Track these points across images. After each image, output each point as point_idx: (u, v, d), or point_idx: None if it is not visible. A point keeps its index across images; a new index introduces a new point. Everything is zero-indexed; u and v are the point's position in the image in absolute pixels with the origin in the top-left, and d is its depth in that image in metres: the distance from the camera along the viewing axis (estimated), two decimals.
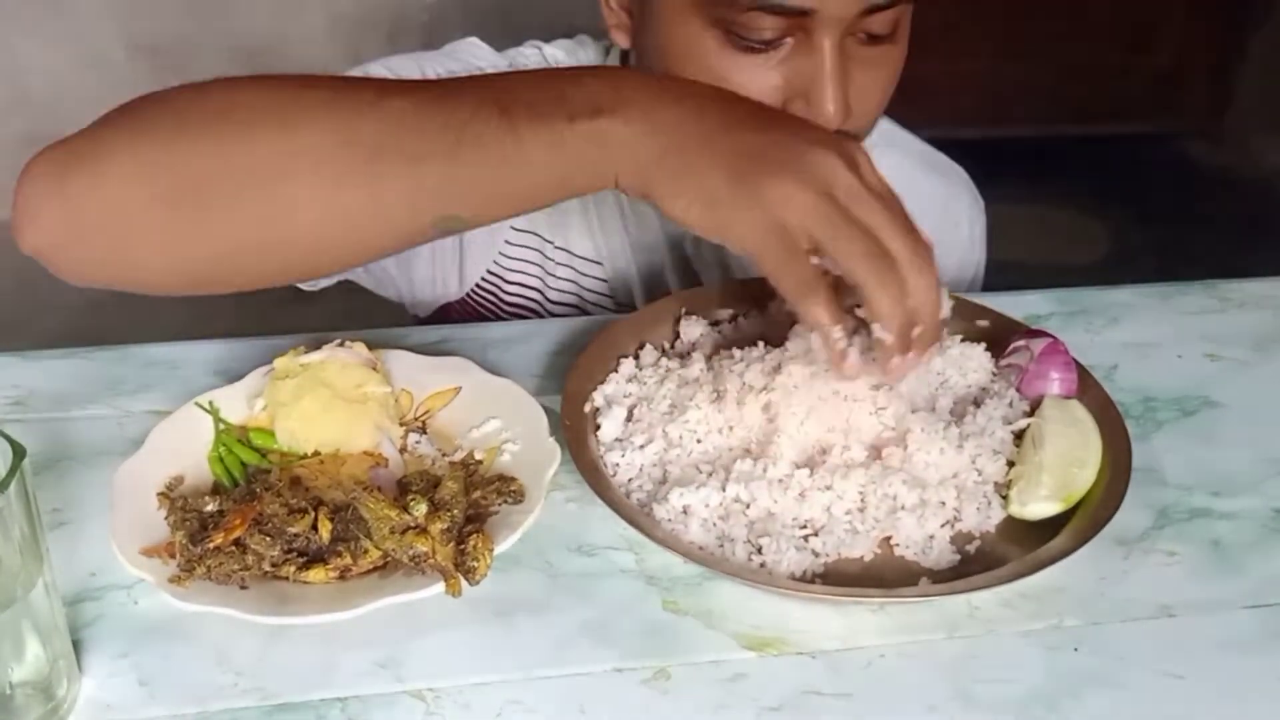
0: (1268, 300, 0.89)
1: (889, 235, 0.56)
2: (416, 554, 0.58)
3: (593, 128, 0.57)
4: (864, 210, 0.56)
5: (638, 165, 0.58)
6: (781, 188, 0.55)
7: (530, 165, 0.58)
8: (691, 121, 0.58)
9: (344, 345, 0.72)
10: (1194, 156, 3.12)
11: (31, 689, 0.52)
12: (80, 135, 0.61)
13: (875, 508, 0.64)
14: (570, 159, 0.58)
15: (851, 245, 0.55)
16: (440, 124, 0.57)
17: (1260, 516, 0.68)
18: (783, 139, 0.58)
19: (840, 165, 0.57)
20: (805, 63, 0.70)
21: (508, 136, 0.57)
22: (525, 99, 0.58)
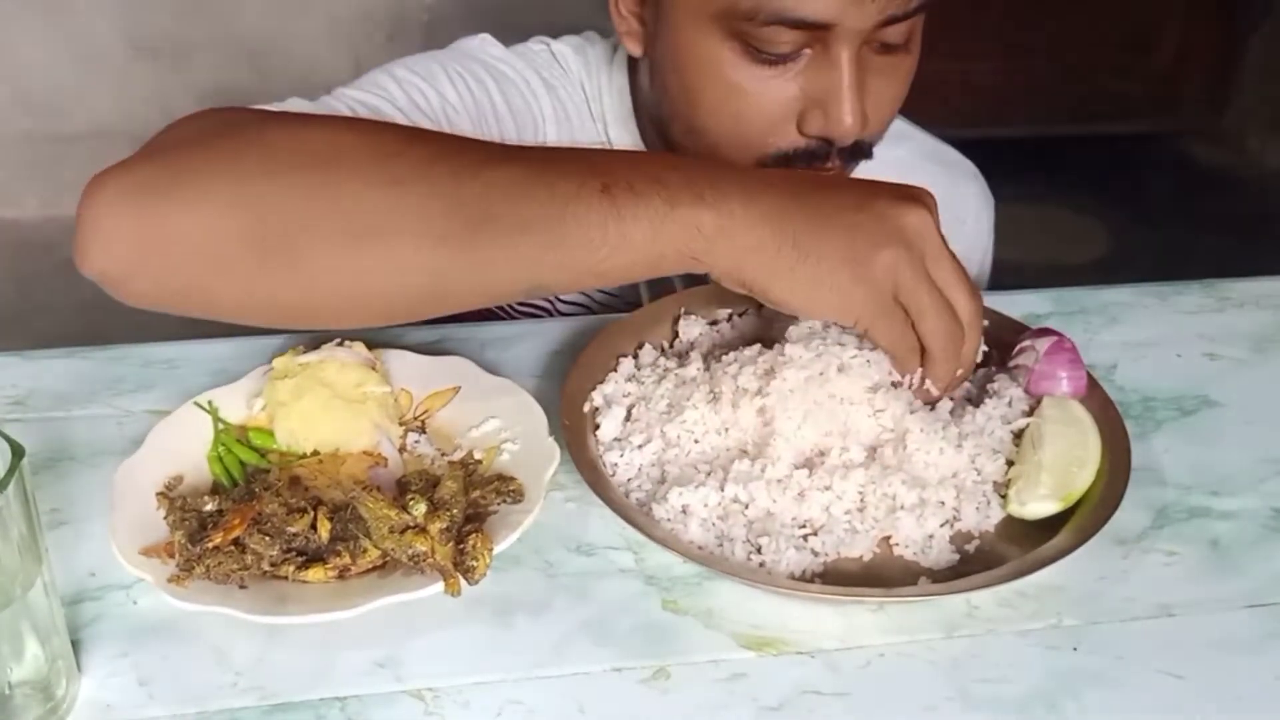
0: (1267, 300, 0.89)
1: (958, 296, 0.63)
2: (416, 553, 0.58)
3: (693, 215, 0.58)
4: (942, 272, 0.62)
5: (738, 255, 0.59)
6: (890, 264, 0.60)
7: (628, 246, 0.58)
8: (794, 206, 0.60)
9: (343, 345, 0.72)
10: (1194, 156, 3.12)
11: (30, 689, 0.52)
12: (155, 158, 0.59)
13: (874, 507, 0.64)
14: (668, 243, 0.59)
15: (936, 322, 0.62)
16: (545, 197, 0.58)
17: (1259, 516, 0.68)
18: (885, 211, 0.61)
19: (929, 222, 0.61)
20: (823, 75, 0.71)
21: (610, 216, 0.58)
22: (626, 179, 0.58)
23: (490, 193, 0.58)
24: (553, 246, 0.58)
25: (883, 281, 0.61)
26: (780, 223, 0.59)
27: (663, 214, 0.58)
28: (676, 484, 0.64)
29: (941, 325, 0.62)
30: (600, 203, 0.58)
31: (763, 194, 0.60)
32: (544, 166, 0.59)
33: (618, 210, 0.58)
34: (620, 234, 0.58)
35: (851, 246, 0.60)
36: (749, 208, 0.59)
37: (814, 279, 0.60)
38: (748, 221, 0.59)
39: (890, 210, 0.61)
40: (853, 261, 0.60)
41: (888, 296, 0.61)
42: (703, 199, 0.59)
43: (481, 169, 0.58)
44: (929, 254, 0.61)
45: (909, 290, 0.61)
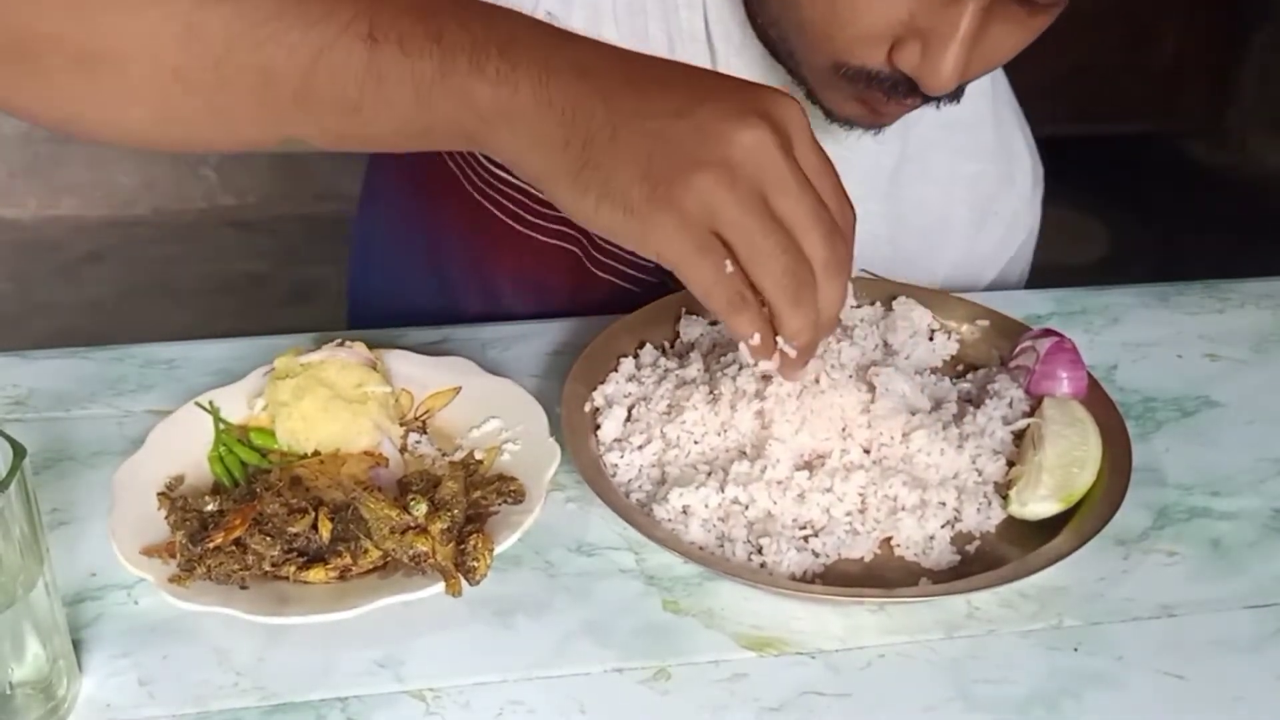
0: (1267, 300, 0.89)
1: (808, 237, 0.51)
2: (417, 554, 0.58)
3: (468, 85, 0.49)
4: (787, 202, 0.50)
5: (519, 144, 0.51)
6: (701, 190, 0.49)
7: (390, 111, 0.51)
8: (595, 101, 0.50)
9: (344, 345, 0.72)
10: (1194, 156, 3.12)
11: (31, 689, 0.52)
12: None
13: (875, 509, 0.64)
14: (436, 114, 0.50)
15: (770, 264, 0.51)
16: (298, 38, 0.49)
17: (1260, 516, 0.68)
18: (705, 120, 0.49)
19: (769, 144, 0.49)
20: (943, 11, 0.60)
21: (369, 73, 0.50)
22: (397, 29, 0.49)
23: (234, 25, 0.50)
24: (302, 101, 0.51)
25: (692, 211, 0.49)
26: (575, 115, 0.49)
27: (430, 80, 0.49)
28: (677, 484, 0.64)
29: (779, 267, 0.51)
30: (360, 55, 0.49)
31: (564, 75, 0.50)
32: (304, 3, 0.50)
33: (378, 67, 0.49)
34: (380, 96, 0.50)
35: (651, 159, 0.49)
36: (540, 89, 0.49)
37: (603, 190, 0.50)
38: (534, 106, 0.49)
39: (717, 124, 0.49)
40: (651, 178, 0.49)
41: (699, 230, 0.50)
42: (483, 69, 0.49)
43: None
44: (770, 185, 0.50)
45: (728, 224, 0.50)
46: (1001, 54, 0.65)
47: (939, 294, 0.81)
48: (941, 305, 0.80)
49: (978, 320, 0.79)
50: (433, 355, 0.75)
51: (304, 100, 0.51)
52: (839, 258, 0.52)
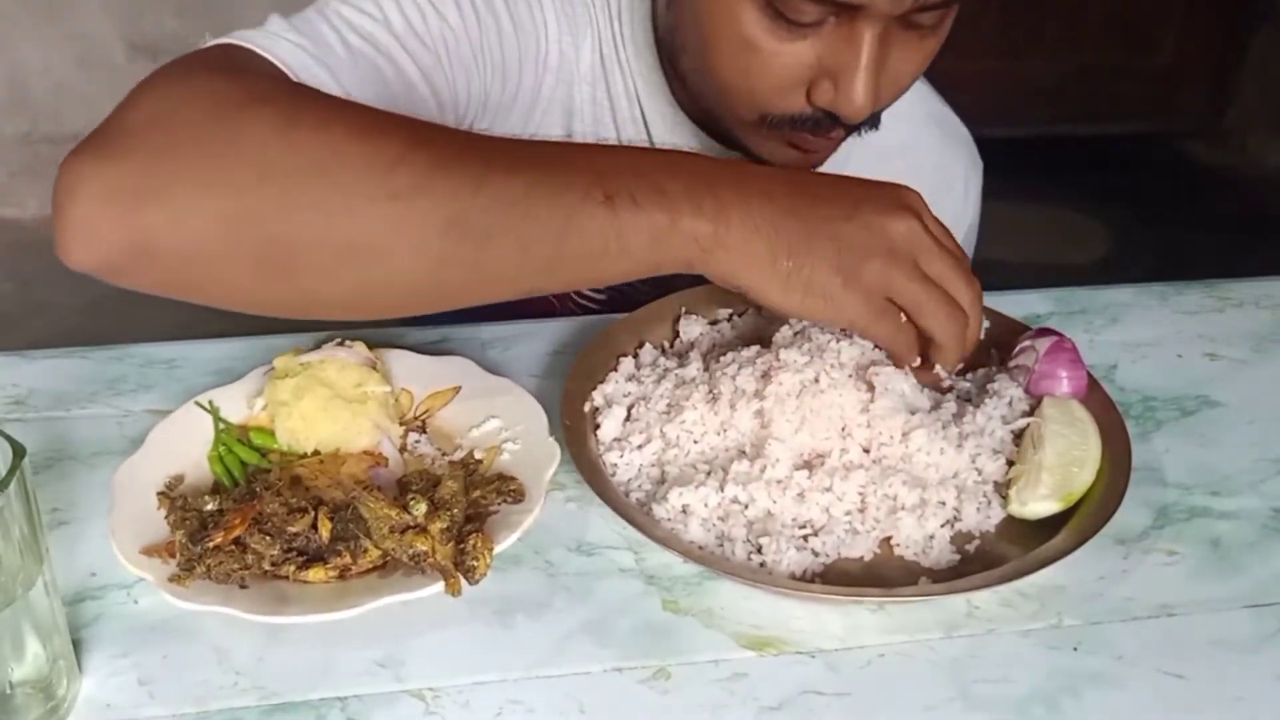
0: (1267, 300, 0.89)
1: (956, 287, 0.65)
2: (416, 553, 0.58)
3: (693, 227, 0.60)
4: (937, 267, 0.65)
5: (734, 264, 0.61)
6: (879, 273, 0.63)
7: (628, 256, 0.60)
8: (788, 219, 0.62)
9: (343, 344, 0.72)
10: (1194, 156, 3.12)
11: (31, 688, 0.52)
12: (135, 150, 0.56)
13: (875, 508, 0.64)
14: (666, 253, 0.60)
15: (937, 314, 0.65)
16: (548, 213, 0.58)
17: (1260, 516, 0.68)
18: (871, 220, 0.63)
19: (917, 228, 0.64)
20: (842, 50, 0.68)
21: (611, 228, 0.59)
22: (629, 189, 0.59)
23: (492, 210, 0.57)
24: (554, 259, 0.59)
25: (873, 288, 0.63)
26: (774, 235, 0.61)
27: (663, 226, 0.59)
28: (677, 484, 0.64)
29: (942, 315, 0.65)
30: (603, 215, 0.58)
31: (759, 205, 0.62)
32: (547, 175, 0.59)
33: (619, 223, 0.59)
34: (621, 246, 0.59)
35: (839, 257, 0.62)
36: (745, 219, 0.61)
37: (807, 287, 0.62)
38: (744, 234, 0.61)
39: (876, 220, 0.63)
40: (842, 270, 0.62)
41: (879, 300, 0.64)
42: (701, 210, 0.60)
43: (484, 182, 0.57)
44: (921, 256, 0.64)
45: (901, 293, 0.64)
46: (905, 77, 0.73)
47: None
48: None
49: None
50: (432, 355, 0.75)
51: (556, 260, 0.59)
52: (976, 293, 0.67)
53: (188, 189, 0.55)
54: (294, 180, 0.56)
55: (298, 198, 0.56)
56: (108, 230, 0.55)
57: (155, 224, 0.55)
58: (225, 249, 0.56)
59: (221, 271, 0.57)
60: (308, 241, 0.56)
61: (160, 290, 0.59)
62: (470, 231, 0.57)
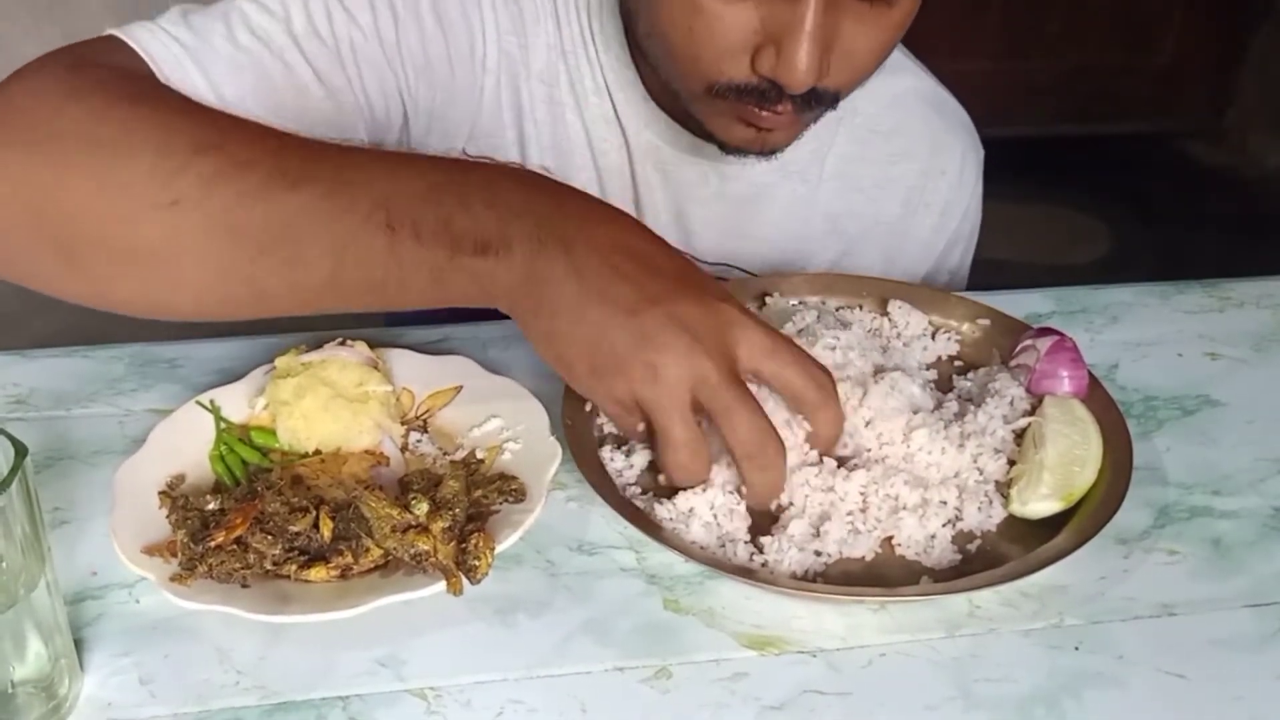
0: (1268, 300, 0.89)
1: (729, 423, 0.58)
2: (418, 553, 0.58)
3: (472, 264, 0.56)
4: (712, 403, 0.58)
5: (512, 306, 0.58)
6: (624, 391, 0.58)
7: (409, 288, 0.57)
8: (570, 282, 0.57)
9: (345, 344, 0.72)
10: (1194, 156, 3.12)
11: (33, 688, 0.52)
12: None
13: (877, 508, 0.64)
14: (448, 290, 0.57)
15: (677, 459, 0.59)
16: (326, 235, 0.56)
17: (1260, 516, 0.68)
18: (650, 324, 0.57)
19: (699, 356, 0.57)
20: (785, 12, 0.65)
21: (391, 259, 0.56)
22: (411, 218, 0.56)
23: (269, 225, 0.56)
24: (332, 286, 0.57)
25: (623, 403, 0.59)
26: (553, 288, 0.57)
27: (442, 263, 0.56)
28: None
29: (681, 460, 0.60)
30: (382, 244, 0.56)
31: (551, 252, 0.57)
32: (332, 191, 0.56)
33: (398, 256, 0.56)
34: (399, 279, 0.57)
35: (597, 350, 0.57)
36: (531, 265, 0.57)
37: (559, 355, 0.59)
38: (526, 281, 0.57)
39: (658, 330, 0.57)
40: (592, 364, 0.58)
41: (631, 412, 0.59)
42: (485, 250, 0.56)
43: (267, 193, 0.56)
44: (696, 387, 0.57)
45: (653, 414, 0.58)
46: (863, 54, 0.69)
47: (939, 293, 0.81)
48: (941, 305, 0.80)
49: (978, 319, 0.79)
50: (434, 354, 0.75)
51: (335, 284, 0.57)
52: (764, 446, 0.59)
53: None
54: (84, 180, 0.57)
55: (86, 197, 0.57)
56: None
57: None
58: (27, 240, 0.58)
59: (29, 263, 0.59)
60: (94, 241, 0.57)
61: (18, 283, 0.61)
62: (247, 245, 0.56)
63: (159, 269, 0.58)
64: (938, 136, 0.94)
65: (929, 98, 0.95)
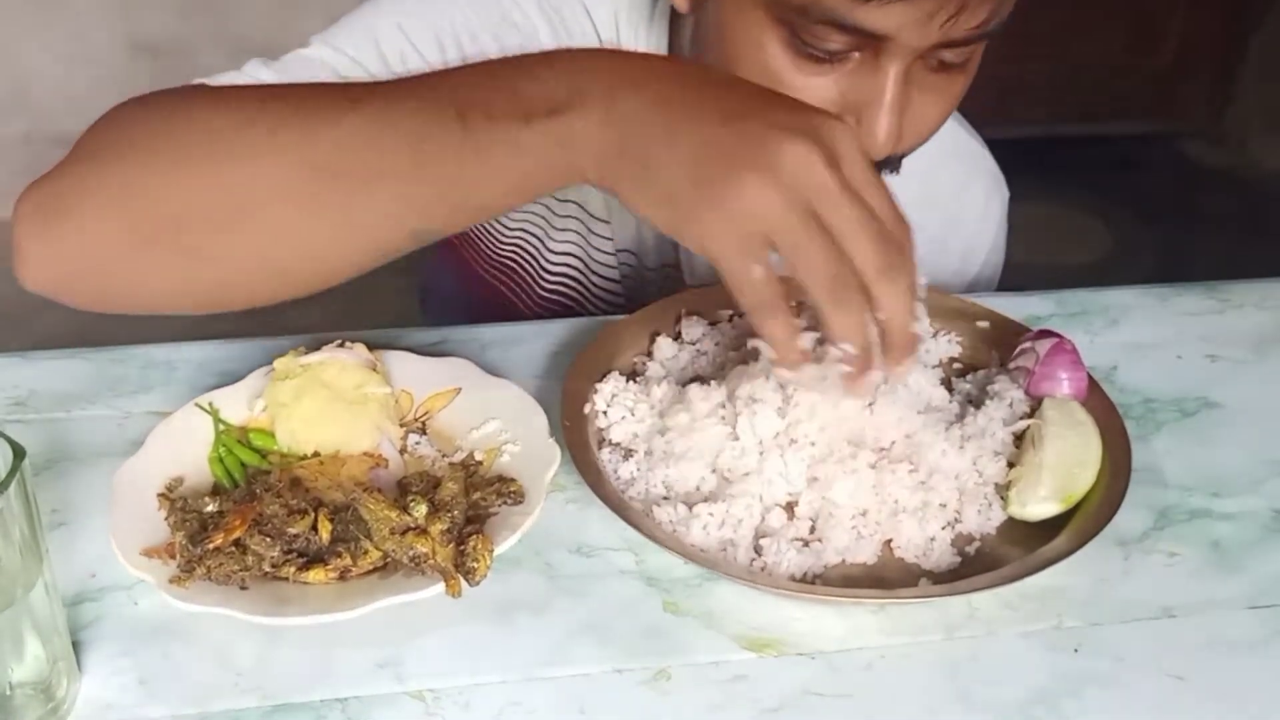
0: (1267, 301, 0.89)
1: (857, 244, 0.52)
2: (416, 555, 0.58)
3: (549, 126, 0.54)
4: (834, 214, 0.51)
5: (600, 160, 0.54)
6: (745, 192, 0.51)
7: (492, 171, 0.56)
8: (653, 110, 0.53)
9: (344, 346, 0.72)
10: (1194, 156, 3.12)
11: (31, 689, 0.52)
12: (61, 168, 0.61)
13: (876, 510, 0.64)
14: (531, 160, 0.55)
15: (811, 262, 0.51)
16: (398, 138, 0.56)
17: (1260, 517, 0.68)
18: (754, 129, 0.52)
19: (816, 160, 0.51)
20: (866, 85, 0.65)
21: (466, 145, 0.55)
22: (480, 100, 0.55)
23: (341, 147, 0.56)
24: (413, 190, 0.56)
25: (737, 211, 0.51)
26: (638, 126, 0.53)
27: (517, 132, 0.54)
28: (677, 484, 0.64)
29: (821, 268, 0.51)
30: (456, 133, 0.55)
31: (628, 94, 0.54)
32: (393, 104, 0.57)
33: (474, 139, 0.55)
34: (480, 162, 0.55)
35: (699, 167, 0.52)
36: (609, 109, 0.53)
37: (669, 197, 0.53)
38: (605, 122, 0.53)
39: (763, 132, 0.51)
40: (698, 179, 0.52)
41: (743, 231, 0.51)
42: (559, 106, 0.54)
43: (330, 124, 0.57)
44: (813, 192, 0.51)
45: (773, 227, 0.51)
46: (930, 121, 0.70)
47: (938, 294, 0.81)
48: (941, 306, 0.80)
49: (978, 321, 0.79)
50: (432, 356, 0.75)
51: (418, 189, 0.56)
52: (892, 263, 0.52)
53: (92, 200, 0.59)
54: (173, 162, 0.58)
55: (176, 177, 0.58)
56: (34, 248, 0.61)
57: (65, 235, 0.60)
58: (125, 244, 0.59)
59: (129, 269, 0.60)
60: (197, 218, 0.58)
61: (102, 305, 0.63)
62: (328, 172, 0.56)
63: (257, 221, 0.58)
64: (960, 185, 0.96)
65: (953, 146, 0.95)
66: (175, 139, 0.59)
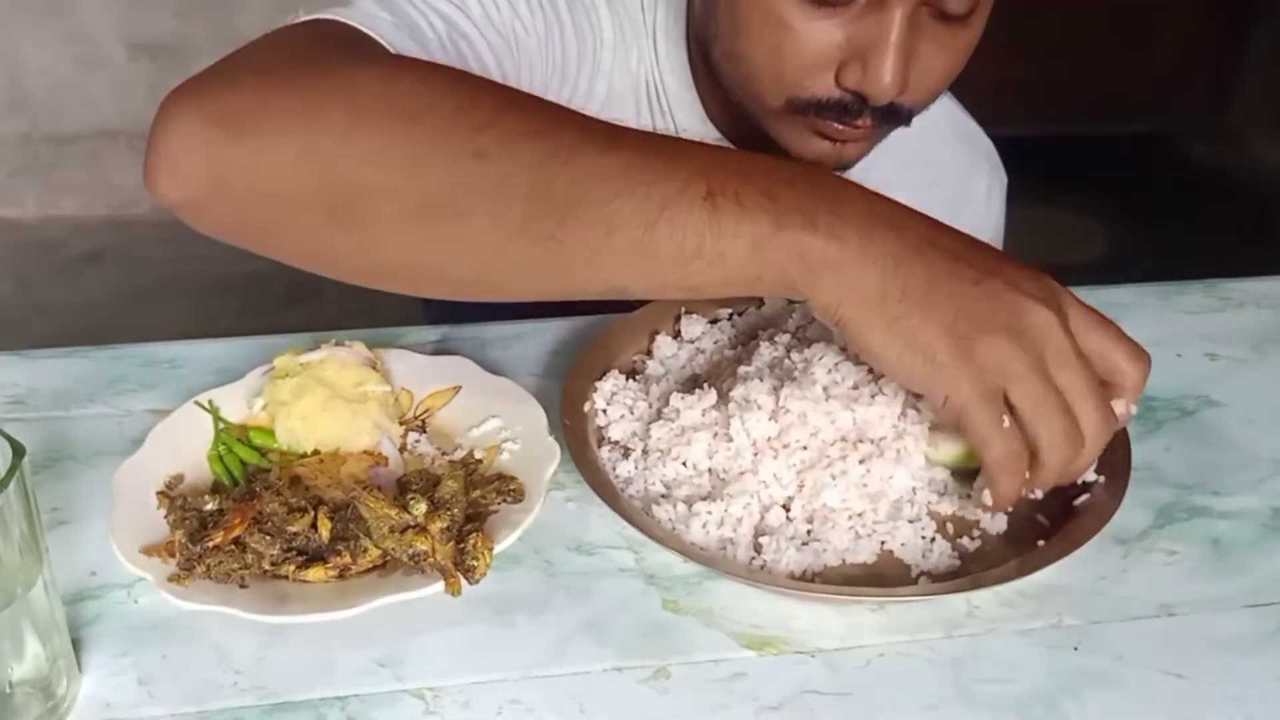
0: (1267, 300, 0.89)
1: (1085, 407, 0.56)
2: (416, 553, 0.58)
3: (800, 240, 0.53)
4: (1067, 376, 0.56)
5: (841, 291, 0.54)
6: (997, 352, 0.54)
7: (723, 263, 0.53)
8: (913, 261, 0.54)
9: (343, 344, 0.72)
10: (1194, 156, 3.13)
11: (31, 688, 0.52)
12: (237, 85, 0.57)
13: (874, 510, 0.64)
14: (767, 265, 0.54)
15: (1052, 424, 0.55)
16: (641, 197, 0.53)
17: (1260, 516, 0.68)
18: (1002, 292, 0.55)
19: (1055, 324, 0.55)
20: (871, 28, 0.68)
21: (708, 228, 0.53)
22: (735, 188, 0.53)
23: (582, 183, 0.53)
24: (640, 252, 0.53)
25: (987, 365, 0.54)
26: (895, 269, 0.54)
27: (767, 233, 0.53)
28: (676, 484, 0.64)
29: (1058, 428, 0.55)
30: (700, 212, 0.53)
31: (884, 234, 0.54)
32: (647, 160, 0.54)
33: (718, 222, 0.53)
34: (717, 250, 0.53)
35: (957, 318, 0.54)
36: (866, 246, 0.54)
37: (910, 340, 0.54)
38: (861, 260, 0.54)
39: (1011, 296, 0.55)
40: (955, 335, 0.54)
41: (991, 386, 0.55)
42: (815, 225, 0.53)
43: (577, 154, 0.53)
44: (1051, 355, 0.55)
45: (1021, 382, 0.55)
46: (936, 72, 0.72)
47: None
48: None
49: None
50: (432, 355, 0.75)
51: (642, 252, 0.53)
52: (1104, 420, 0.57)
53: (274, 127, 0.55)
54: (381, 127, 0.54)
55: (380, 145, 0.54)
56: (191, 163, 0.56)
57: (236, 159, 0.55)
58: (299, 190, 0.55)
59: (292, 214, 0.56)
60: (382, 190, 0.54)
61: (233, 234, 0.59)
62: (554, 203, 0.53)
63: (448, 223, 0.54)
64: (964, 167, 0.97)
65: (957, 129, 0.97)
66: (396, 105, 0.55)
